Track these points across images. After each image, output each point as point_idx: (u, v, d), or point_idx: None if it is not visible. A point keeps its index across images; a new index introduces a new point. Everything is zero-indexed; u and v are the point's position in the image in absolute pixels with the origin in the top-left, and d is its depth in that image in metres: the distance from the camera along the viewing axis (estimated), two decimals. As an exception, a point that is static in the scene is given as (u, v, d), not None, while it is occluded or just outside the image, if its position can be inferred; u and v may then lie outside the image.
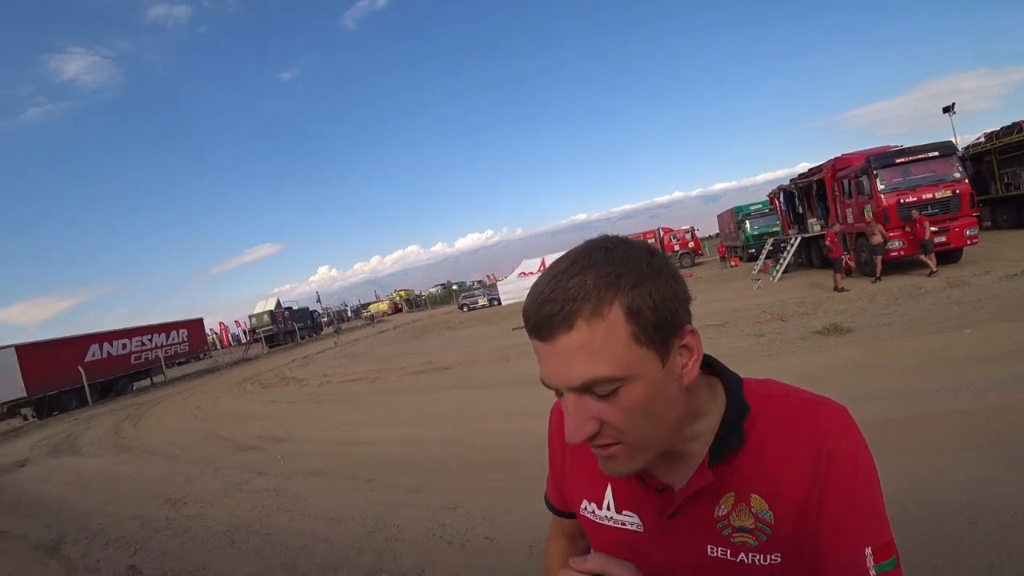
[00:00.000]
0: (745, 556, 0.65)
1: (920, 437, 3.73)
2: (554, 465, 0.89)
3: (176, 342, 26.69)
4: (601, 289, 0.56)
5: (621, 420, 0.59)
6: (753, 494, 0.65)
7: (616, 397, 0.58)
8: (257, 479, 5.73)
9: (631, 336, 0.57)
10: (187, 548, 4.24)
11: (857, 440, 0.64)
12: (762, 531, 0.64)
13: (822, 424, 0.64)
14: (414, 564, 3.34)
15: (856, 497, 0.61)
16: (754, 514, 0.65)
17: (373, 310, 55.61)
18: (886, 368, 5.43)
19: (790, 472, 0.63)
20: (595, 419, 0.59)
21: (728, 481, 0.66)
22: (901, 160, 11.76)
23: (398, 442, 6.21)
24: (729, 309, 11.38)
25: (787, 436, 0.65)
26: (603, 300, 0.56)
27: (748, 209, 26.80)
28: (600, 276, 0.56)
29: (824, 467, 0.62)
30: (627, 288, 0.57)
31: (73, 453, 9.86)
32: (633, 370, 0.57)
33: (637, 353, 0.57)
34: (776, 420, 0.66)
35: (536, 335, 0.59)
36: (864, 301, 9.46)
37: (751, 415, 0.67)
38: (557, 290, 0.57)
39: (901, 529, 2.72)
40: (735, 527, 0.66)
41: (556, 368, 0.59)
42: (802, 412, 0.66)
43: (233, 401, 12.68)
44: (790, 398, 0.68)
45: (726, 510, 0.66)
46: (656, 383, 0.59)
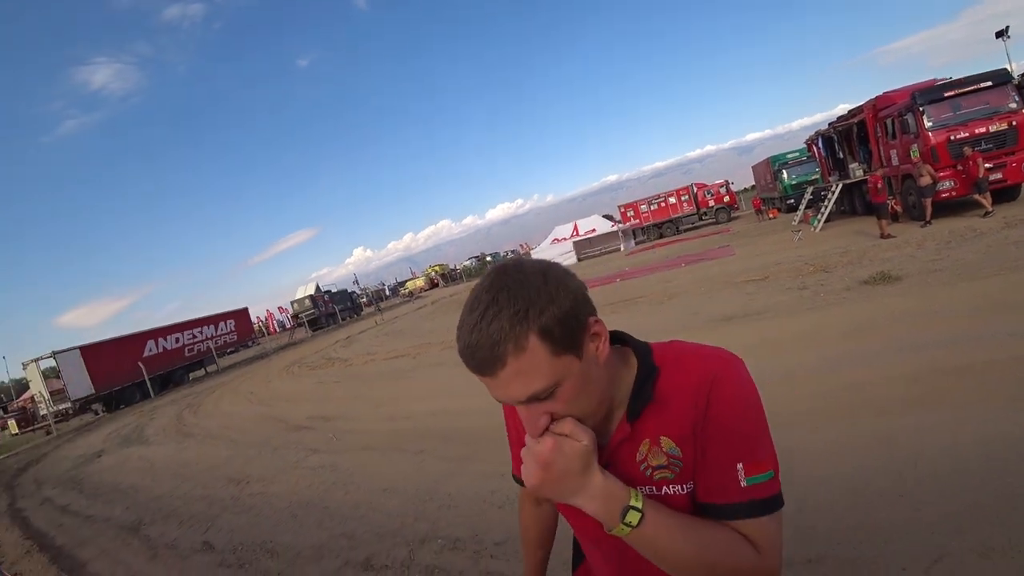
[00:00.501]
0: (668, 488, 0.80)
1: (974, 386, 3.59)
2: (515, 442, 1.06)
3: (225, 332, 27.85)
4: (516, 327, 0.68)
5: (564, 408, 0.74)
6: (662, 436, 0.79)
7: (555, 396, 0.73)
8: (312, 457, 5.99)
9: (550, 352, 0.70)
10: (253, 524, 4.50)
11: (740, 377, 0.77)
12: (675, 465, 0.79)
13: (711, 368, 0.78)
14: (467, 529, 3.46)
15: (733, 421, 0.75)
16: (665, 452, 0.79)
17: (410, 287, 56.28)
18: (938, 316, 5.21)
19: (685, 409, 0.77)
20: (545, 414, 0.74)
21: (643, 430, 0.81)
22: (950, 93, 11.02)
23: (443, 414, 6.37)
24: (769, 263, 11.07)
25: (684, 383, 0.78)
26: (520, 335, 0.68)
27: (785, 158, 25.71)
28: (511, 316, 0.68)
29: (707, 400, 0.76)
30: (535, 318, 0.69)
31: (142, 442, 10.50)
32: (560, 375, 0.71)
33: (558, 362, 0.71)
34: (677, 373, 0.80)
35: (477, 374, 0.72)
36: (913, 247, 9.06)
37: (659, 374, 0.81)
38: (482, 337, 0.69)
39: (954, 481, 2.65)
40: (653, 466, 0.80)
41: (502, 393, 0.73)
42: (697, 362, 0.80)
43: (283, 384, 13.18)
44: (689, 354, 0.82)
45: (644, 454, 0.81)
46: (580, 374, 0.73)
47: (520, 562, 2.92)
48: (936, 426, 3.21)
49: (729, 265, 12.41)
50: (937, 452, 2.93)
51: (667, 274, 13.70)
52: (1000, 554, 2.12)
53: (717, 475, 0.76)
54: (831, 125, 16.76)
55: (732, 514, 0.75)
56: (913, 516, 2.47)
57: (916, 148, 11.36)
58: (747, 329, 6.53)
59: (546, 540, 1.21)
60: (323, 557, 3.59)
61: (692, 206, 31.25)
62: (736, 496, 0.75)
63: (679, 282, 11.70)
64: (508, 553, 3.08)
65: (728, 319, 7.28)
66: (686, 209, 31.29)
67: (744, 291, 8.93)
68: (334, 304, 39.10)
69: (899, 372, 4.12)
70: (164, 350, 23.44)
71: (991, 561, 2.10)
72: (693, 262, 14.85)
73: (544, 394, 0.71)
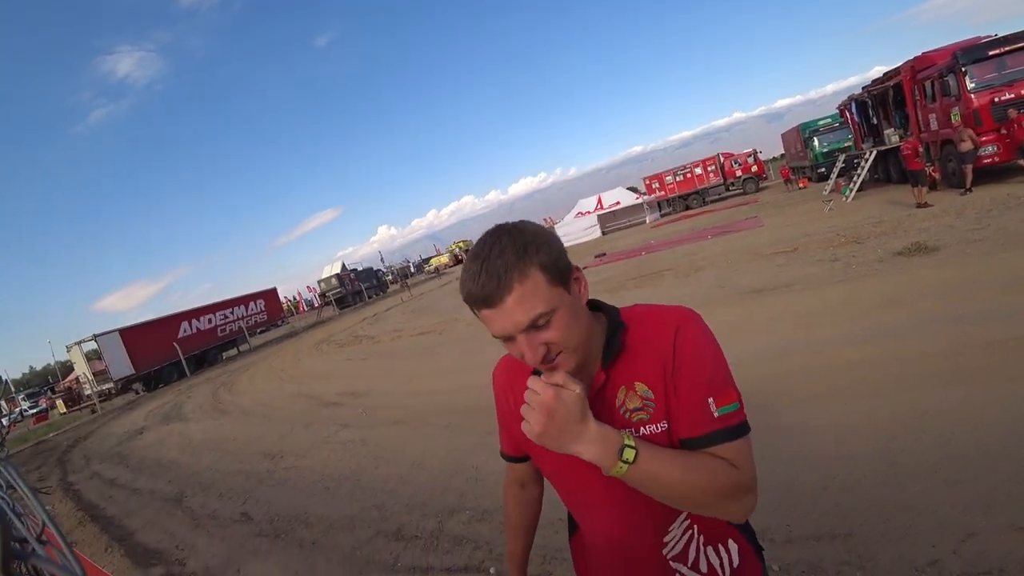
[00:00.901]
0: (644, 428, 0.89)
1: (1012, 363, 3.47)
2: (504, 417, 1.14)
3: (255, 312, 28.52)
4: (520, 260, 0.80)
5: (558, 337, 0.83)
6: (636, 382, 0.90)
7: (550, 324, 0.82)
8: (343, 432, 6.16)
9: (547, 282, 0.82)
10: (288, 496, 4.68)
11: (700, 326, 0.90)
12: (648, 407, 0.89)
13: (673, 320, 0.90)
14: (494, 501, 3.53)
15: (699, 363, 0.86)
16: (639, 396, 0.89)
17: (435, 263, 56.48)
18: (975, 288, 5.03)
19: (654, 357, 0.88)
20: (542, 344, 0.83)
21: (618, 379, 0.91)
22: (994, 52, 10.42)
23: (470, 389, 6.46)
24: (799, 234, 10.79)
25: (650, 334, 0.90)
26: (524, 266, 0.80)
27: (816, 125, 24.72)
28: (515, 252, 0.80)
29: (674, 346, 0.87)
30: (534, 254, 0.81)
31: (181, 420, 10.92)
32: (555, 302, 0.82)
33: (554, 292, 0.82)
34: (643, 327, 0.92)
35: (484, 305, 0.82)
36: (951, 216, 8.71)
37: (625, 329, 0.93)
38: (491, 270, 0.80)
39: (987, 457, 2.60)
40: (630, 409, 0.90)
41: (507, 321, 0.81)
42: (660, 316, 0.92)
43: (313, 362, 13.51)
44: (653, 310, 0.95)
45: (622, 399, 0.91)
46: (570, 305, 0.85)
47: (547, 533, 2.99)
48: (970, 403, 3.13)
49: (757, 237, 12.14)
50: (970, 429, 2.86)
51: (693, 247, 13.48)
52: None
53: (692, 411, 0.86)
54: (866, 89, 16.08)
55: (710, 441, 0.85)
56: (944, 493, 2.44)
57: (957, 111, 10.82)
58: (776, 301, 6.41)
59: (531, 526, 1.27)
60: (355, 527, 3.72)
61: (719, 176, 30.42)
62: (711, 425, 0.85)
63: (705, 254, 11.51)
64: (534, 526, 3.15)
65: (756, 291, 7.16)
66: (712, 180, 30.49)
67: (773, 263, 8.74)
68: (360, 282, 39.56)
69: (933, 347, 4.01)
70: (198, 331, 24.15)
71: (1021, 540, 2.06)
72: (720, 234, 14.57)
73: (543, 320, 0.81)
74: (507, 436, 1.16)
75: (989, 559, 2.02)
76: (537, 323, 0.81)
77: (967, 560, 2.04)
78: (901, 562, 2.12)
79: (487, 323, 0.85)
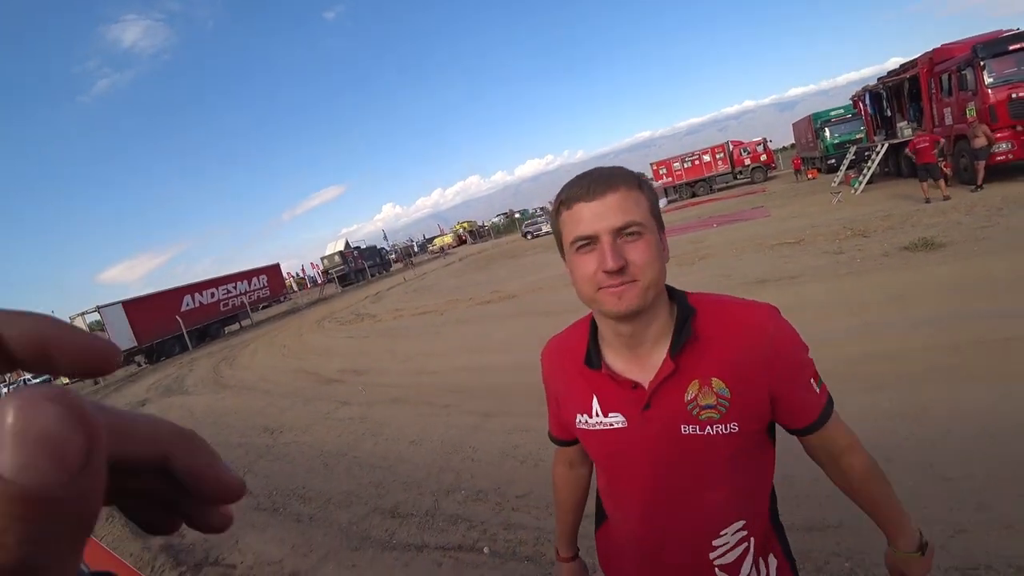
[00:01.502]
0: (711, 428, 0.84)
1: (1016, 361, 3.46)
2: (552, 400, 1.09)
3: (258, 288, 28.57)
4: (633, 179, 0.84)
5: (639, 258, 0.80)
6: (713, 377, 0.84)
7: (637, 241, 0.81)
8: (342, 408, 6.21)
9: (649, 207, 0.84)
10: (287, 471, 4.73)
11: (782, 319, 0.88)
12: (722, 405, 0.84)
13: (765, 318, 0.87)
14: (490, 482, 3.57)
15: (798, 354, 0.88)
16: (715, 393, 0.84)
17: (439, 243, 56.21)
18: (983, 286, 5.00)
19: (740, 356, 0.84)
20: (623, 257, 0.80)
21: (690, 370, 0.85)
22: (1015, 46, 10.19)
23: (470, 370, 6.49)
24: (805, 225, 10.70)
25: (731, 328, 0.86)
26: (634, 183, 0.83)
27: (828, 115, 24.40)
28: (631, 173, 0.85)
29: (773, 348, 0.84)
30: (645, 185, 0.85)
31: (182, 392, 11.03)
32: (648, 225, 0.82)
33: (650, 219, 0.84)
34: (717, 317, 0.87)
35: (586, 198, 0.81)
36: (960, 212, 8.62)
37: (696, 315, 0.87)
38: (603, 172, 0.84)
39: (982, 454, 2.60)
40: (702, 406, 0.84)
41: (601, 217, 0.80)
42: (746, 312, 0.88)
43: (314, 339, 13.57)
44: (729, 301, 0.91)
45: (693, 394, 0.85)
46: (657, 242, 0.84)
47: (542, 515, 3.02)
48: (969, 400, 3.13)
49: (763, 227, 12.06)
50: (968, 427, 2.87)
51: (698, 234, 13.42)
52: (1019, 529, 2.10)
53: (804, 397, 0.88)
54: (881, 80, 15.81)
55: (829, 414, 0.90)
56: (936, 488, 2.45)
57: (972, 106, 10.66)
58: (779, 292, 6.39)
59: (579, 503, 1.21)
60: (352, 504, 3.77)
61: (727, 165, 30.16)
62: (822, 402, 0.89)
63: (710, 243, 11.46)
64: (529, 505, 3.18)
65: (760, 282, 7.13)
66: (721, 168, 30.23)
67: (778, 254, 8.70)
68: (363, 260, 39.57)
69: (936, 342, 4.00)
70: (200, 304, 24.23)
71: (1010, 537, 2.08)
72: (726, 223, 14.48)
73: (634, 230, 0.81)
74: (556, 419, 1.10)
75: (976, 555, 2.04)
76: (628, 230, 0.80)
77: (955, 555, 2.06)
78: (891, 555, 2.14)
79: (574, 222, 0.83)
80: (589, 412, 0.94)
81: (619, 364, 0.91)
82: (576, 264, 0.85)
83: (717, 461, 0.87)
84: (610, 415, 0.91)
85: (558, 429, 1.11)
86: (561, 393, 1.02)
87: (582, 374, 0.95)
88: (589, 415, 0.94)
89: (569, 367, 0.99)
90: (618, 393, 0.90)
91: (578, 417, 0.96)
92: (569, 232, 0.84)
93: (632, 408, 0.89)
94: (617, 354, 0.92)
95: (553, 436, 1.14)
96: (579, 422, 0.96)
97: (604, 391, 0.92)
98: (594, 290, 0.82)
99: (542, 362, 1.09)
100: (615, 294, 0.80)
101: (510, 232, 52.16)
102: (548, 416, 1.13)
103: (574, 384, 0.98)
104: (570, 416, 0.99)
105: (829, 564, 2.17)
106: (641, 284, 0.81)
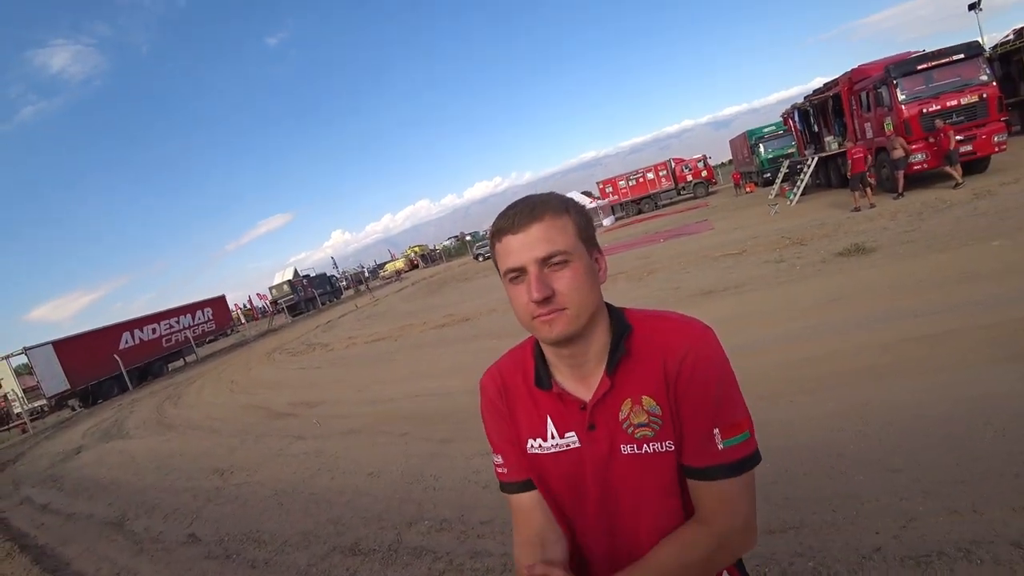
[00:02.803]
0: (648, 446, 0.85)
1: (944, 354, 3.70)
2: (504, 432, 0.99)
3: (202, 321, 27.34)
4: (559, 205, 0.85)
5: (565, 286, 0.81)
6: (644, 395, 0.85)
7: (563, 269, 0.82)
8: (296, 444, 5.96)
9: (576, 232, 0.84)
10: (239, 514, 4.48)
11: (713, 346, 0.85)
12: (655, 423, 0.84)
13: (687, 336, 0.85)
14: (453, 510, 3.48)
15: (709, 388, 0.82)
16: (646, 411, 0.84)
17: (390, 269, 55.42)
18: (909, 286, 5.33)
19: (663, 374, 0.84)
20: (550, 286, 0.81)
21: (623, 388, 0.86)
22: (923, 66, 11.12)
23: (427, 396, 6.37)
24: (747, 237, 11.19)
25: (661, 347, 0.85)
26: (560, 210, 0.84)
27: (761, 132, 25.83)
28: (557, 198, 0.86)
29: (681, 366, 0.82)
30: (573, 206, 0.87)
31: (122, 436, 10.33)
32: (576, 252, 0.83)
33: (578, 243, 0.84)
34: (652, 335, 0.87)
35: (512, 230, 0.83)
36: (886, 219, 9.22)
37: (633, 332, 0.88)
38: (528, 202, 0.84)
39: (923, 444, 2.74)
40: (635, 424, 0.85)
41: (526, 248, 0.82)
42: (671, 328, 0.87)
43: (264, 372, 13.05)
44: (664, 318, 0.90)
45: (627, 412, 0.86)
46: (587, 266, 0.85)
47: (507, 540, 2.96)
48: (907, 393, 3.30)
49: (707, 240, 12.52)
50: (908, 419, 3.02)
51: (646, 250, 13.79)
52: (964, 514, 2.21)
53: (697, 440, 0.83)
54: (807, 98, 16.85)
55: (711, 475, 0.83)
56: (885, 481, 2.55)
57: (890, 121, 11.49)
58: (726, 302, 6.61)
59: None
60: (310, 544, 3.59)
61: (670, 181, 31.32)
62: (714, 459, 0.82)
63: (658, 257, 11.79)
64: (494, 532, 3.11)
65: (707, 293, 7.37)
66: (664, 184, 31.37)
67: (722, 265, 9.02)
68: (313, 288, 38.60)
69: (873, 341, 4.22)
70: (141, 341, 22.95)
71: (957, 521, 2.18)
72: (672, 237, 14.95)
73: (559, 259, 0.81)
74: (510, 453, 0.98)
75: (928, 542, 2.12)
76: (553, 259, 0.81)
77: (908, 544, 2.14)
78: (848, 549, 2.20)
79: (504, 255, 0.85)
80: (544, 435, 0.93)
81: (568, 383, 0.92)
82: (511, 294, 0.86)
83: (658, 480, 0.86)
84: (566, 435, 0.91)
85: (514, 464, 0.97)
86: (516, 419, 0.97)
87: (533, 396, 0.94)
88: (544, 438, 0.93)
89: (518, 391, 0.97)
90: (569, 413, 0.90)
91: (530, 443, 0.94)
92: (502, 263, 0.86)
93: (581, 429, 0.89)
94: (564, 374, 0.92)
95: (513, 483, 0.98)
96: (531, 447, 0.94)
97: (557, 412, 0.92)
98: (529, 318, 0.84)
99: (484, 391, 1.02)
100: (545, 322, 0.82)
101: (462, 255, 52.15)
102: (501, 461, 0.99)
103: (525, 408, 0.96)
104: (523, 444, 0.96)
105: (793, 565, 2.21)
106: (569, 312, 0.82)
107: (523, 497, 0.96)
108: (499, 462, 1.00)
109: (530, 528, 0.94)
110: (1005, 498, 2.23)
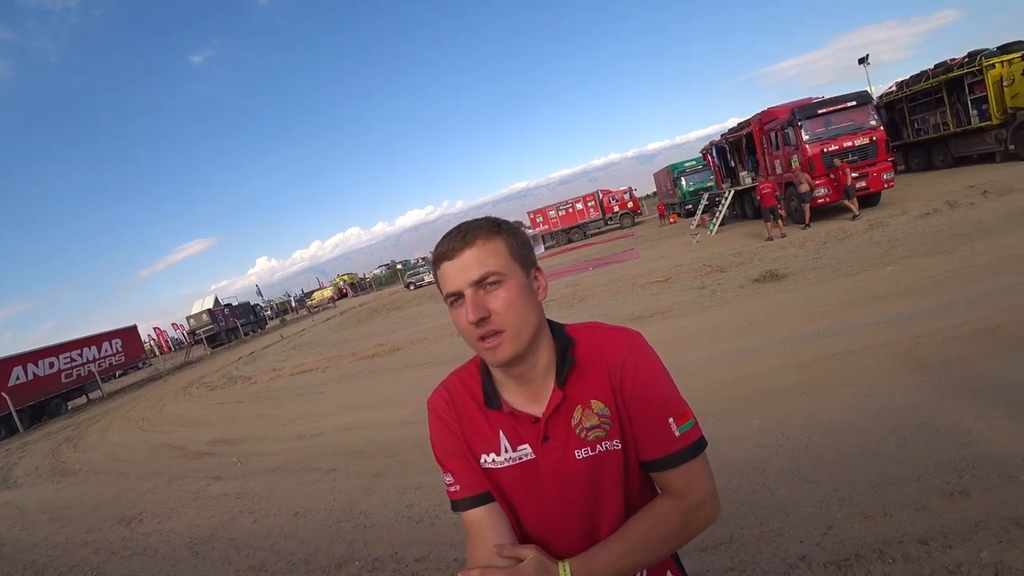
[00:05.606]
0: (601, 446, 0.89)
1: (852, 370, 4.00)
2: (454, 449, 0.97)
3: (110, 353, 25.07)
4: (490, 228, 0.88)
5: (502, 307, 0.84)
6: (592, 400, 0.89)
7: (498, 289, 0.84)
8: (214, 485, 5.54)
9: (508, 253, 0.87)
10: (148, 567, 4.07)
11: (648, 349, 0.92)
12: (605, 424, 0.89)
13: (622, 342, 0.91)
14: (385, 548, 3.33)
15: (654, 385, 0.89)
16: (596, 413, 0.89)
17: (318, 297, 53.48)
18: (818, 309, 5.76)
19: (607, 378, 0.89)
20: (486, 308, 0.83)
21: (573, 397, 0.90)
22: (823, 111, 12.28)
23: (357, 429, 6.13)
24: (671, 265, 11.73)
25: (601, 353, 0.91)
26: (491, 233, 0.88)
27: (683, 166, 27.44)
28: (489, 222, 0.90)
29: (624, 371, 0.88)
30: (505, 231, 0.89)
31: (9, 486, 9.20)
32: (510, 272, 0.86)
33: (512, 263, 0.87)
34: (592, 344, 0.93)
35: (447, 257, 0.86)
36: (795, 248, 9.96)
37: (575, 343, 0.93)
38: (461, 229, 0.88)
39: (838, 455, 2.93)
40: (587, 427, 0.89)
41: (461, 273, 0.85)
42: (608, 336, 0.93)
43: (180, 408, 12.12)
44: (598, 328, 0.96)
45: (579, 418, 0.90)
46: (523, 286, 0.88)
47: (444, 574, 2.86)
48: (823, 409, 3.53)
49: (634, 268, 13.02)
50: (823, 432, 3.22)
51: (576, 278, 14.13)
52: (876, 517, 2.37)
53: (655, 432, 0.88)
54: (723, 136, 18.12)
55: (675, 462, 0.88)
56: (806, 492, 2.69)
57: (796, 158, 12.55)
58: (653, 328, 6.85)
59: None
60: (228, 593, 3.31)
61: (598, 212, 32.47)
62: (674, 445, 0.88)
63: (587, 284, 12.11)
64: (430, 569, 3.00)
65: (636, 319, 7.61)
66: (593, 215, 32.47)
67: (649, 292, 9.39)
68: (235, 318, 36.55)
69: (790, 361, 4.50)
70: (36, 377, 20.65)
71: (870, 525, 2.33)
72: (600, 266, 15.42)
73: (494, 279, 0.84)
74: (461, 469, 0.96)
75: (846, 546, 2.25)
76: (487, 280, 0.84)
77: (829, 550, 2.26)
78: (775, 560, 2.29)
79: (444, 280, 0.87)
80: (497, 450, 0.94)
81: (517, 400, 0.94)
82: (454, 318, 0.89)
83: (609, 479, 0.91)
84: (519, 448, 0.93)
85: (466, 479, 0.95)
86: (468, 437, 0.96)
87: (483, 415, 0.96)
88: (497, 453, 0.94)
89: (468, 410, 0.97)
90: (522, 427, 0.92)
91: (483, 458, 0.95)
92: (443, 289, 0.89)
93: (535, 442, 0.91)
94: (512, 392, 0.94)
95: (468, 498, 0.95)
96: (485, 462, 0.95)
97: (509, 426, 0.93)
98: (475, 340, 0.86)
99: (434, 409, 1.00)
100: (490, 349, 0.85)
101: (392, 283, 51.31)
102: (453, 479, 0.97)
103: (475, 425, 0.96)
104: (476, 459, 0.96)
105: (723, 580, 2.27)
106: (508, 333, 0.84)
107: (476, 513, 0.94)
108: (450, 481, 0.98)
109: (485, 545, 0.91)
110: (910, 500, 2.42)
